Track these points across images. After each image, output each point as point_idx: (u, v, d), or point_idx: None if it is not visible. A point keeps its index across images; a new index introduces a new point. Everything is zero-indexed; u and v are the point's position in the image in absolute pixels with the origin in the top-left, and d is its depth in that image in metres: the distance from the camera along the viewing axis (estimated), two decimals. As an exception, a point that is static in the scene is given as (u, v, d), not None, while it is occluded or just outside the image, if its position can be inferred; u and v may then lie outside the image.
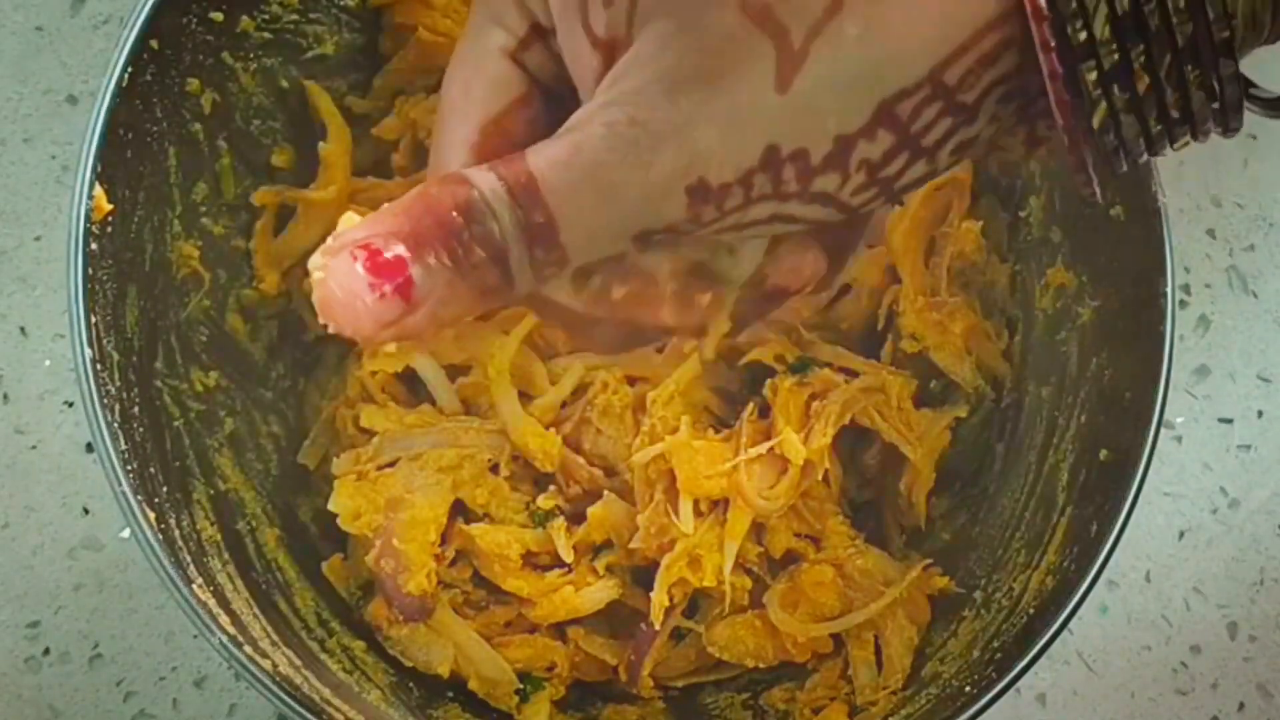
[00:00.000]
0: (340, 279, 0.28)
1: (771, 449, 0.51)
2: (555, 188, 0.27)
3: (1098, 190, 0.29)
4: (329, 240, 0.29)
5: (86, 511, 0.61)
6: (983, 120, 0.27)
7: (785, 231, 0.29)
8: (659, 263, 0.31)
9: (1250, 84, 0.28)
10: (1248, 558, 0.62)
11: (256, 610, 0.47)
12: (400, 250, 0.28)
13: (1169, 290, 0.45)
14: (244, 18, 0.50)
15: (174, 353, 0.50)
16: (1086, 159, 0.27)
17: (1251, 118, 0.29)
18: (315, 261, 0.28)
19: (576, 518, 0.53)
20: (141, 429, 0.46)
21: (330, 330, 0.29)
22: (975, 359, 0.55)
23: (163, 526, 0.44)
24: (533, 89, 0.32)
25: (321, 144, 0.54)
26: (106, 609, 0.59)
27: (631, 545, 0.51)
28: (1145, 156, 0.28)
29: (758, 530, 0.53)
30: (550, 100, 0.32)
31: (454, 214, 0.28)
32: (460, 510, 0.53)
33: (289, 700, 0.42)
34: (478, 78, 0.32)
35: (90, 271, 0.44)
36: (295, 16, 0.52)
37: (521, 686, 0.52)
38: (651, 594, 0.51)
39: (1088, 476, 0.48)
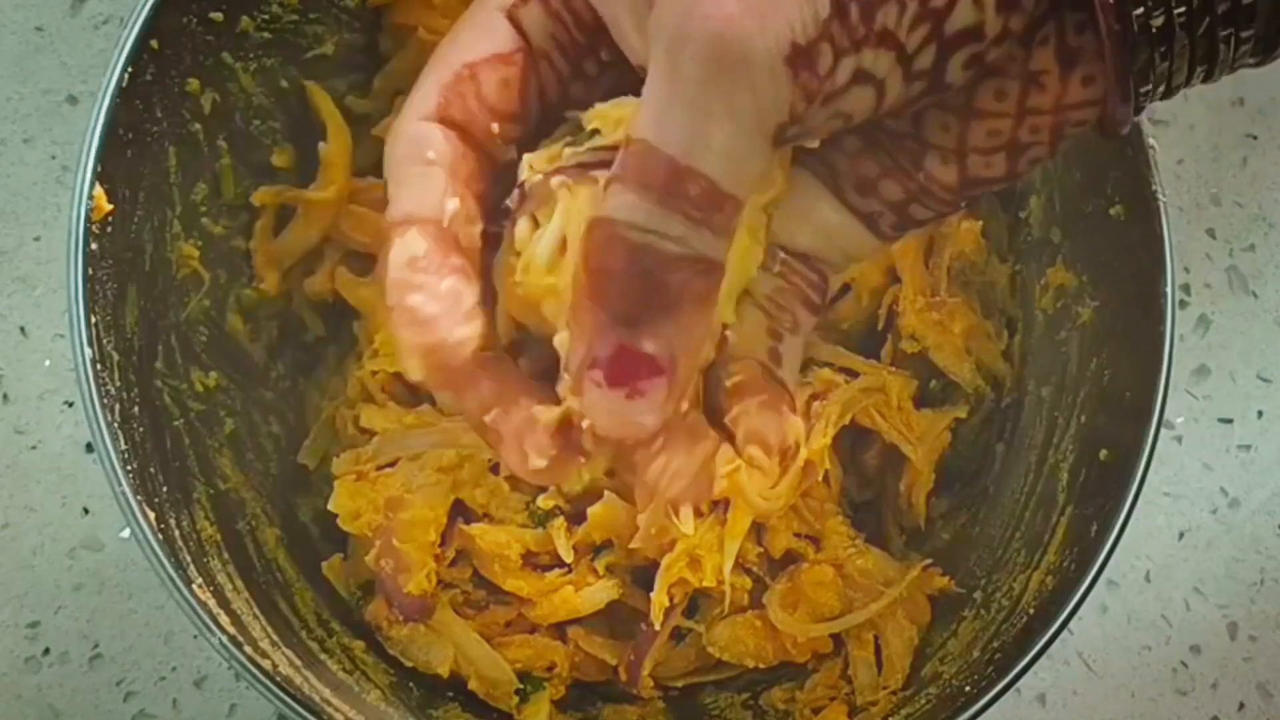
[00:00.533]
0: (602, 415, 0.27)
1: (772, 449, 0.51)
2: (680, 142, 0.25)
3: (1131, 110, 0.28)
4: (560, 384, 0.28)
5: (86, 511, 0.61)
6: None
7: (865, 108, 0.28)
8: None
9: None
10: (1248, 558, 0.62)
11: (256, 610, 0.47)
12: (620, 342, 0.26)
13: (1169, 290, 0.45)
14: (244, 18, 0.50)
15: (174, 353, 0.50)
16: (1123, 57, 0.26)
17: (1251, 118, 0.29)
18: (563, 408, 0.28)
19: (576, 518, 0.53)
20: (141, 429, 0.46)
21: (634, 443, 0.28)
22: (975, 359, 0.56)
23: (163, 526, 0.44)
24: (521, 50, 0.31)
25: (321, 144, 0.54)
26: (106, 609, 0.59)
27: (631, 545, 0.51)
28: (1180, 61, 0.27)
29: (757, 530, 0.53)
30: (540, 66, 0.31)
31: (627, 268, 0.26)
32: (460, 510, 0.53)
33: (289, 700, 0.42)
34: (467, 27, 0.31)
35: (90, 271, 0.44)
36: (295, 16, 0.52)
37: (521, 686, 0.52)
38: (651, 594, 0.51)
39: (1088, 476, 0.48)
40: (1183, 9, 0.26)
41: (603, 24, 0.30)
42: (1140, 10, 0.26)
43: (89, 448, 0.61)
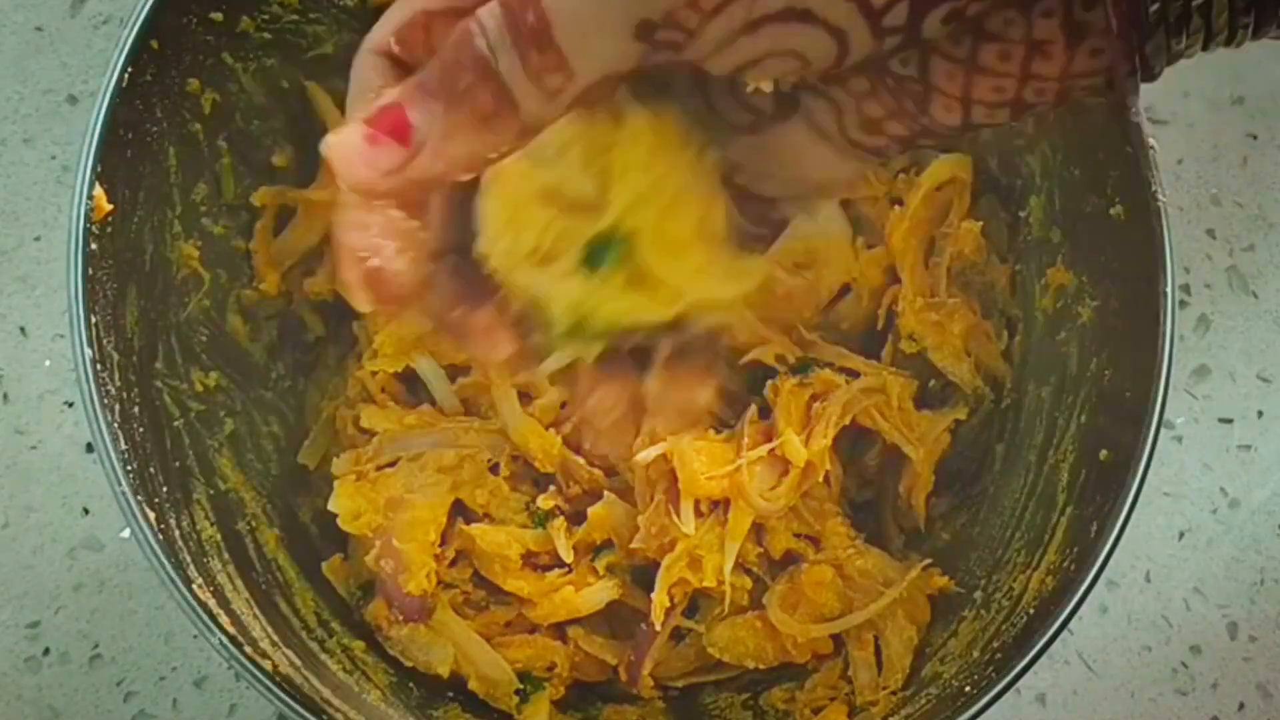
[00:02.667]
0: (342, 137, 0.28)
1: (773, 450, 0.51)
2: None
3: (1138, 83, 0.28)
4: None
5: (86, 511, 0.61)
6: None
7: (804, 43, 0.27)
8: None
9: None
10: (1248, 558, 0.62)
11: (256, 610, 0.47)
12: (400, 100, 0.27)
13: (1169, 290, 0.45)
14: (244, 18, 0.50)
15: (174, 353, 0.50)
16: (1132, 35, 0.26)
17: (1251, 118, 0.29)
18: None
19: (576, 518, 0.53)
20: (141, 429, 0.46)
21: (344, 186, 0.29)
22: (974, 359, 0.55)
23: (163, 526, 0.44)
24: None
25: (321, 144, 0.54)
26: (106, 609, 0.59)
27: (632, 545, 0.51)
28: (1193, 45, 0.27)
29: (757, 531, 0.53)
30: None
31: (451, 50, 0.27)
32: (460, 510, 0.53)
33: (289, 700, 0.42)
34: None
35: (90, 271, 0.44)
36: (295, 16, 0.52)
37: (521, 686, 0.52)
38: (652, 594, 0.51)
39: (1088, 476, 0.48)
40: None
41: None
42: (1155, 6, 0.26)
43: (89, 448, 0.61)
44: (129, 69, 0.45)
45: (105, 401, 0.44)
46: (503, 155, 0.29)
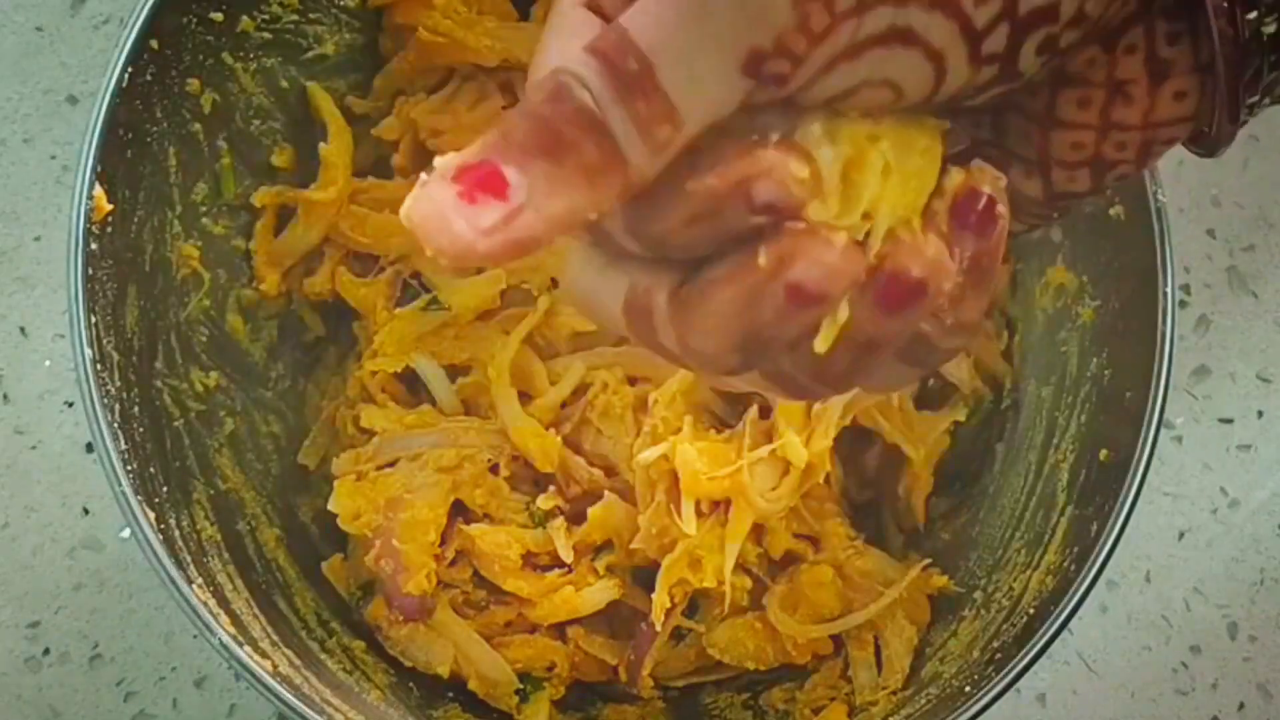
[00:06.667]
0: (428, 196, 0.25)
1: (773, 450, 0.51)
2: (643, 25, 0.24)
3: (1236, 128, 0.27)
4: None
5: (86, 511, 0.61)
6: None
7: (901, 70, 0.26)
8: None
9: None
10: (1248, 558, 0.62)
11: (256, 610, 0.47)
12: (490, 156, 0.25)
13: (1169, 290, 0.45)
14: (244, 18, 0.50)
15: (174, 353, 0.50)
16: (1235, 65, 0.25)
17: (1252, 119, 0.29)
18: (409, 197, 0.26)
19: (577, 518, 0.53)
20: (141, 429, 0.46)
21: (438, 258, 0.25)
22: (974, 359, 0.55)
23: (163, 526, 0.44)
24: None
25: (321, 144, 0.54)
26: (106, 609, 0.59)
27: (632, 546, 0.51)
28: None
29: (757, 531, 0.53)
30: None
31: (542, 101, 0.25)
32: (460, 510, 0.53)
33: (289, 700, 0.42)
34: (554, 36, 0.29)
35: (90, 271, 0.44)
36: (295, 16, 0.52)
37: (521, 686, 0.52)
38: (652, 594, 0.51)
39: (1088, 476, 0.48)
40: None
41: None
42: (1253, 14, 0.25)
43: (89, 448, 0.61)
44: (129, 69, 0.45)
45: (105, 401, 0.44)
46: (601, 216, 0.26)
